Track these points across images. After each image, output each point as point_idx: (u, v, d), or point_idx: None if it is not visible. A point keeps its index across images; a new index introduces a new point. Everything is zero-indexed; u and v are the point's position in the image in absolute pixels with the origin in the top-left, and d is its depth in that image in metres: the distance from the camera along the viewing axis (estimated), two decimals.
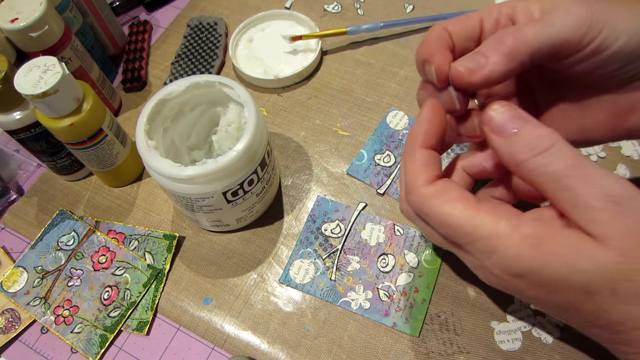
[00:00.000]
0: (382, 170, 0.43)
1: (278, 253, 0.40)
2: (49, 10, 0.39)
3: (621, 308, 0.22)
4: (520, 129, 0.24)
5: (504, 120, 0.24)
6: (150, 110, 0.35)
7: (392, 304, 0.37)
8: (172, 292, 0.40)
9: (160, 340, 0.38)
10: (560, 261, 0.22)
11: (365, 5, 0.56)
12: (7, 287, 0.40)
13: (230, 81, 0.36)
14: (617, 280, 0.22)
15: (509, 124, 0.24)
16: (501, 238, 0.23)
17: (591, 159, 0.42)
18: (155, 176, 0.34)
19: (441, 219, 0.25)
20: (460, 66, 0.26)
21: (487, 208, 0.24)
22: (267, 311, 0.38)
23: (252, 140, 0.33)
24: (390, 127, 0.46)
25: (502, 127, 0.24)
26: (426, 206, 0.25)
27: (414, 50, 0.51)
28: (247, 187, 0.36)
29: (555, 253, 0.22)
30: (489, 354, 0.35)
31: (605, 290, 0.22)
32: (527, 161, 0.23)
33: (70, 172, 0.45)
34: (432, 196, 0.25)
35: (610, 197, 0.22)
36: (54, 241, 0.42)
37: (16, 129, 0.39)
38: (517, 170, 0.24)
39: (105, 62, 0.51)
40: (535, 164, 0.23)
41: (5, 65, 0.36)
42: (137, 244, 0.42)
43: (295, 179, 0.44)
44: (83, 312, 0.39)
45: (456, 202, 0.25)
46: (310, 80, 0.50)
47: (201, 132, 0.42)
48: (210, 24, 0.54)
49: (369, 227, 0.41)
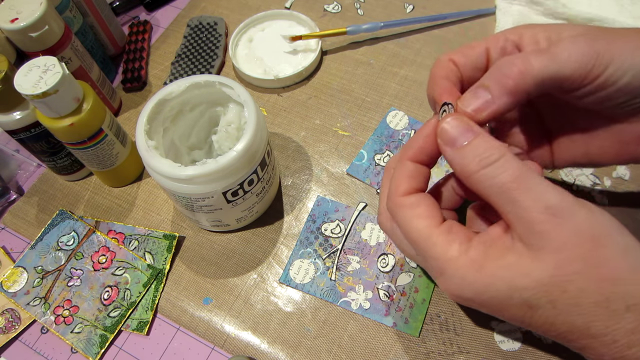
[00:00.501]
0: (382, 170, 0.43)
1: (278, 253, 0.40)
2: (49, 10, 0.39)
3: (563, 319, 0.23)
4: (471, 142, 0.25)
5: (456, 132, 0.25)
6: (150, 110, 0.35)
7: (392, 304, 0.37)
8: (172, 292, 0.40)
9: (160, 340, 0.38)
10: (501, 282, 0.23)
11: (365, 5, 0.56)
12: (7, 287, 0.40)
13: (230, 81, 0.36)
14: (553, 293, 0.23)
15: (460, 136, 0.25)
16: (449, 261, 0.25)
17: None
18: (155, 176, 0.34)
19: (406, 230, 0.26)
20: (466, 107, 0.26)
21: (444, 229, 0.25)
22: (267, 311, 0.38)
23: (252, 140, 0.33)
24: (390, 127, 0.46)
25: (453, 139, 0.25)
26: (398, 215, 0.27)
27: (414, 50, 0.51)
28: (247, 187, 0.36)
29: (496, 275, 0.23)
30: (489, 354, 0.35)
31: (546, 304, 0.23)
32: (477, 173, 0.24)
33: (70, 172, 0.45)
34: (404, 206, 0.27)
35: (550, 209, 0.22)
36: (54, 241, 0.42)
37: (16, 129, 0.39)
38: (468, 182, 0.25)
39: (105, 62, 0.51)
40: (483, 175, 0.24)
41: (5, 65, 0.36)
42: (137, 244, 0.42)
43: (295, 179, 0.44)
44: (83, 312, 0.39)
45: (420, 219, 0.26)
46: (310, 80, 0.50)
47: (201, 132, 0.42)
48: (210, 24, 0.54)
49: (369, 227, 0.41)
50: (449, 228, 0.26)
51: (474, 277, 0.24)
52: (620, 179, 0.41)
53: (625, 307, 0.22)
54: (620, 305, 0.22)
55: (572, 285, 0.22)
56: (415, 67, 0.50)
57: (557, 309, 0.23)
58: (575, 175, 0.42)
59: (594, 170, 0.42)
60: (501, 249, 0.24)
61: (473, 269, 0.24)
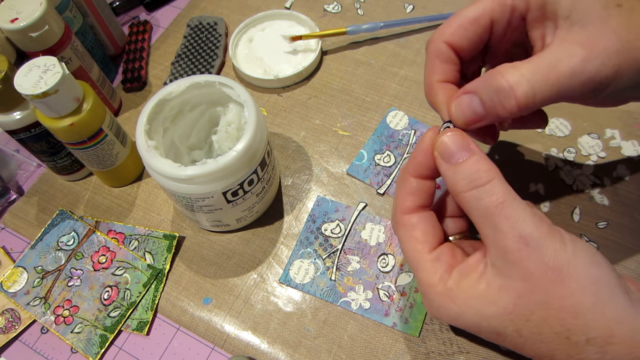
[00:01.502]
0: (382, 170, 0.43)
1: (278, 253, 0.40)
2: (49, 10, 0.39)
3: (530, 346, 0.24)
4: (465, 160, 0.25)
5: (454, 148, 0.25)
6: (150, 110, 0.35)
7: (392, 304, 0.37)
8: (172, 292, 0.40)
9: (160, 340, 0.38)
10: (471, 311, 0.25)
11: (365, 5, 0.56)
12: (7, 287, 0.40)
13: (230, 81, 0.36)
14: (517, 322, 0.24)
15: (457, 153, 0.25)
16: (430, 287, 0.26)
17: (591, 159, 0.42)
18: (155, 176, 0.34)
19: (402, 247, 0.28)
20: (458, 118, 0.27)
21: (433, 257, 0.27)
22: (267, 311, 0.38)
23: (252, 140, 0.33)
24: (390, 127, 0.46)
25: (450, 154, 0.26)
26: (398, 232, 0.29)
27: (414, 50, 0.51)
28: (247, 187, 0.36)
29: (467, 305, 0.25)
30: (489, 354, 0.35)
31: (512, 332, 0.24)
32: (465, 193, 0.25)
33: (70, 172, 0.45)
34: (404, 226, 0.28)
35: (522, 238, 0.23)
36: (54, 241, 0.42)
37: (16, 129, 0.39)
38: (457, 199, 0.26)
39: (105, 62, 0.51)
40: (470, 196, 0.25)
41: (5, 65, 0.36)
42: (137, 244, 0.42)
43: (295, 179, 0.44)
44: (83, 312, 0.39)
45: (415, 242, 0.27)
46: (310, 80, 0.50)
47: (201, 132, 0.42)
48: (210, 24, 0.54)
49: (369, 227, 0.41)
50: (438, 256, 0.27)
51: (449, 305, 0.25)
52: (620, 179, 0.41)
53: (585, 340, 0.22)
54: (581, 337, 0.22)
55: (534, 315, 0.23)
56: (415, 67, 0.50)
57: (523, 337, 0.24)
58: (575, 175, 0.42)
59: (594, 170, 0.42)
60: (474, 278, 0.25)
61: (448, 298, 0.25)
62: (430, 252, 0.27)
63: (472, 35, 0.28)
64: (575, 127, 0.44)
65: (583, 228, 0.39)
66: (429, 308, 0.27)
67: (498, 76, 0.24)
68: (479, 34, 0.28)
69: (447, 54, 0.28)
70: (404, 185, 0.28)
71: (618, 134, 0.44)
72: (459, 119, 0.26)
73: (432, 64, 0.29)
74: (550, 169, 0.42)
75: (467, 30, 0.27)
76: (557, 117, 0.45)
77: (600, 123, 0.44)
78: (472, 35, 0.28)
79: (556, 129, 0.44)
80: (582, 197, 0.41)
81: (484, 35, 0.28)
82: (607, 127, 0.44)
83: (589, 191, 0.41)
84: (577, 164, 0.42)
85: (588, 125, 0.44)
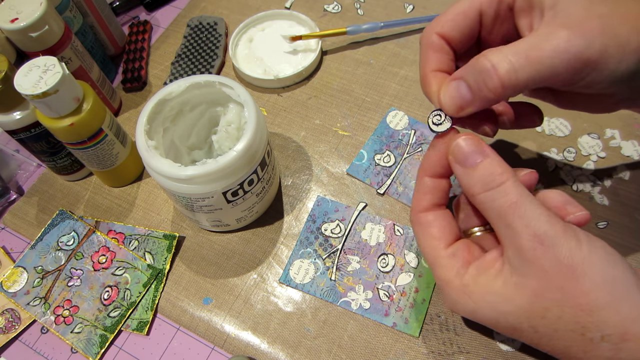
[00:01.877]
0: (382, 170, 0.43)
1: (278, 253, 0.40)
2: (49, 10, 0.39)
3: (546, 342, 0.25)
4: (479, 163, 0.26)
5: (468, 152, 0.26)
6: (150, 110, 0.35)
7: (392, 304, 0.37)
8: (172, 292, 0.40)
9: (160, 340, 0.38)
10: (487, 307, 0.25)
11: (365, 5, 0.56)
12: (7, 287, 0.40)
13: (230, 81, 0.36)
14: (533, 319, 0.24)
15: (471, 156, 0.26)
16: (448, 283, 0.27)
17: (591, 159, 0.42)
18: (155, 176, 0.34)
19: (419, 244, 0.29)
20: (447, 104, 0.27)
21: (449, 252, 0.27)
22: (267, 311, 0.38)
23: (252, 140, 0.33)
24: (390, 127, 0.46)
25: (464, 158, 0.26)
26: (415, 230, 0.30)
27: (414, 50, 0.51)
28: (247, 187, 0.36)
29: (483, 300, 0.25)
30: (489, 354, 0.35)
31: (528, 328, 0.25)
32: (480, 194, 0.25)
33: (70, 172, 0.45)
34: (420, 224, 0.29)
35: (537, 237, 0.23)
36: (54, 241, 0.42)
37: (16, 129, 0.39)
38: (472, 201, 0.26)
39: (105, 62, 0.51)
40: (485, 197, 0.25)
41: (5, 65, 0.36)
42: (137, 244, 0.42)
43: (295, 179, 0.44)
44: (83, 312, 0.39)
45: (432, 239, 0.28)
46: (310, 80, 0.50)
47: (201, 132, 0.42)
48: (210, 24, 0.54)
49: (369, 227, 0.41)
50: (454, 252, 0.27)
51: (465, 301, 0.26)
52: (620, 179, 0.41)
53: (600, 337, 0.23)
54: (596, 334, 0.23)
55: (550, 312, 0.23)
56: (415, 67, 0.50)
57: (539, 333, 0.24)
58: (575, 175, 0.42)
59: (594, 170, 0.42)
60: (492, 275, 0.25)
61: (464, 294, 0.26)
62: (446, 248, 0.28)
63: (462, 26, 0.28)
64: (575, 127, 0.44)
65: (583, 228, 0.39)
66: (446, 302, 0.28)
67: (482, 58, 0.25)
68: (469, 25, 0.29)
69: (439, 44, 0.29)
70: (419, 185, 0.29)
71: (618, 134, 0.44)
72: (448, 105, 0.27)
73: (425, 55, 0.29)
74: (550, 169, 0.42)
75: (457, 22, 0.28)
76: (557, 117, 0.45)
77: (600, 123, 0.44)
78: (462, 26, 0.29)
79: (556, 129, 0.44)
80: (582, 197, 0.41)
81: (473, 26, 0.29)
82: (607, 127, 0.44)
83: (589, 191, 0.41)
84: (577, 164, 0.42)
85: (588, 126, 0.44)
